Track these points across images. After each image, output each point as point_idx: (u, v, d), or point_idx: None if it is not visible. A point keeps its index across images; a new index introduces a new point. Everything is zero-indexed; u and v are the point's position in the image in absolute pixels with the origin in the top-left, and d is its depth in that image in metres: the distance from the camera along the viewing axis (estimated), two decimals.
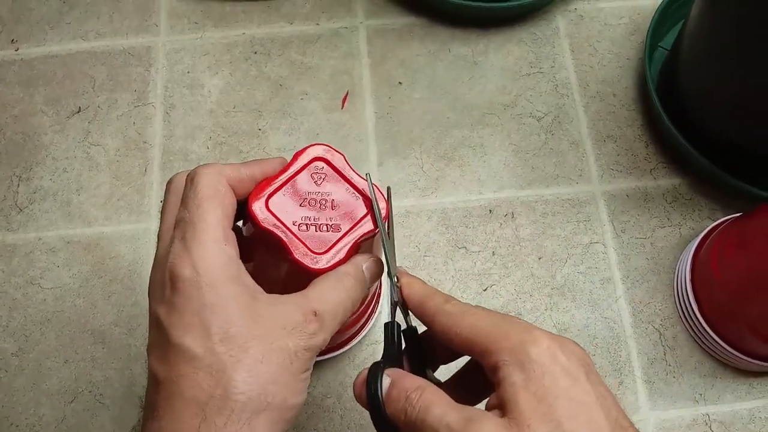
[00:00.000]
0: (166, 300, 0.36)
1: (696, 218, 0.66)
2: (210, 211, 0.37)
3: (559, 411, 0.32)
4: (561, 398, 0.33)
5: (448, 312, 0.38)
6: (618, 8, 0.76)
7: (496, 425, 0.32)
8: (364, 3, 0.76)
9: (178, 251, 0.36)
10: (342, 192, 0.42)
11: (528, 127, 0.70)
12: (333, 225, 0.41)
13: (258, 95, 0.71)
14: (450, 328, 0.37)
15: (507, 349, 0.34)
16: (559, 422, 0.32)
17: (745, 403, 0.60)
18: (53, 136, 0.69)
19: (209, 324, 0.35)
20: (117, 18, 0.75)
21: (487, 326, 0.36)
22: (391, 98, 0.71)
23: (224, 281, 0.36)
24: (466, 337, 0.36)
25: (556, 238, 0.65)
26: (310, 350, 0.37)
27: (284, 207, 0.40)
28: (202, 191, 0.37)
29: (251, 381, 0.34)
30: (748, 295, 0.56)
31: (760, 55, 0.55)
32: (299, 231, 0.40)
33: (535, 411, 0.32)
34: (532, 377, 0.33)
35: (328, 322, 0.38)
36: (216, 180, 0.38)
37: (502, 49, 0.74)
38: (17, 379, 0.60)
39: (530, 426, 0.32)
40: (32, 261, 0.64)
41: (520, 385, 0.33)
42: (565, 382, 0.33)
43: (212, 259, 0.36)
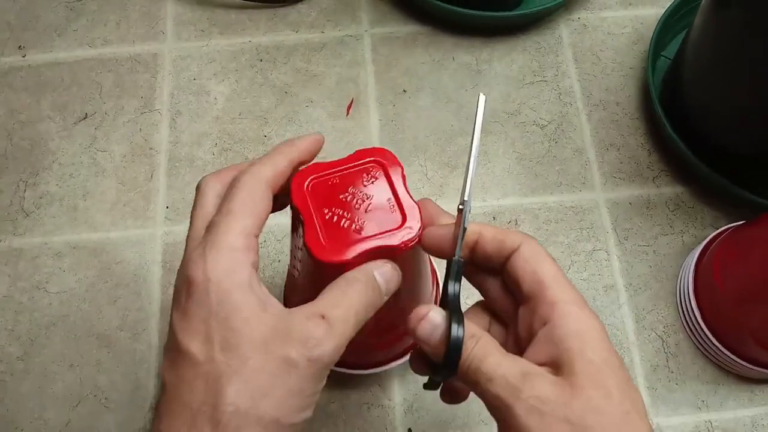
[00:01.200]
0: (181, 304, 0.36)
1: (699, 226, 0.66)
2: (238, 219, 0.37)
3: (612, 382, 0.34)
4: (611, 370, 0.34)
5: (534, 248, 0.38)
6: (621, 18, 0.77)
7: (551, 383, 0.34)
8: (369, 11, 0.77)
9: (197, 256, 0.36)
10: (383, 201, 0.41)
11: (531, 135, 0.70)
12: (357, 227, 0.40)
13: (264, 102, 0.72)
14: (529, 265, 0.37)
15: (570, 313, 0.36)
16: (610, 392, 0.34)
17: (748, 410, 0.60)
18: (60, 141, 0.70)
19: (213, 331, 0.34)
20: (124, 25, 0.76)
21: (562, 282, 0.37)
22: (396, 106, 0.72)
23: (232, 289, 0.35)
24: (541, 279, 0.37)
25: (559, 246, 0.66)
26: (316, 362, 0.35)
27: (323, 194, 0.40)
28: (236, 198, 0.38)
29: (243, 393, 0.33)
30: (750, 302, 0.56)
31: (764, 64, 0.55)
32: (325, 219, 0.40)
33: (592, 376, 0.34)
34: (590, 346, 0.35)
35: (338, 327, 0.36)
36: (255, 187, 0.38)
37: (505, 58, 0.74)
38: (23, 383, 0.60)
39: (585, 389, 0.33)
40: (38, 266, 0.64)
41: (578, 350, 0.34)
42: (616, 359, 0.35)
43: (223, 266, 0.35)
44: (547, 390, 0.33)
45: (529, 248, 0.38)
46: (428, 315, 0.37)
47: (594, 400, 0.33)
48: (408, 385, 0.60)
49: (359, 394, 0.60)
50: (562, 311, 0.36)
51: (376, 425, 0.59)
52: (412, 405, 0.60)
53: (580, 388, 0.33)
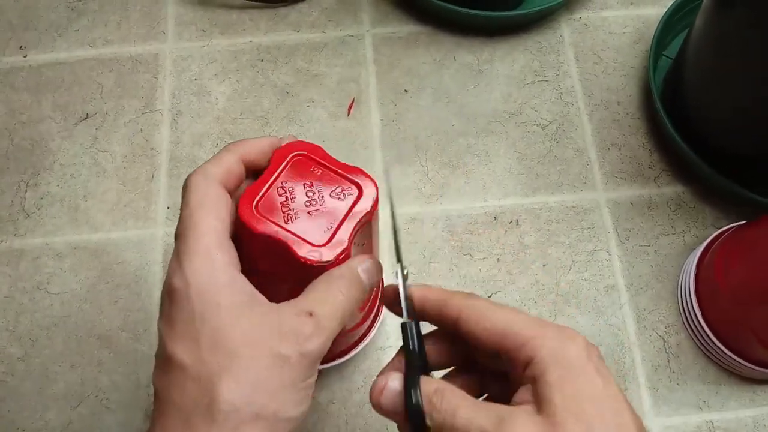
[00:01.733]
0: (165, 312, 0.36)
1: (700, 226, 0.66)
2: (201, 220, 0.37)
3: (592, 412, 0.32)
4: (595, 399, 0.33)
5: (477, 306, 0.37)
6: (622, 17, 0.77)
7: (529, 423, 0.33)
8: (370, 11, 0.77)
9: (174, 265, 0.36)
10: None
11: (533, 134, 0.70)
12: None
13: (264, 102, 0.72)
14: (480, 321, 0.36)
15: (545, 346, 0.34)
16: (591, 423, 0.32)
17: (749, 410, 0.60)
18: (61, 142, 0.70)
19: (198, 333, 0.34)
20: (125, 25, 0.76)
21: (520, 320, 0.36)
22: (397, 106, 0.72)
23: (215, 289, 0.35)
24: (499, 330, 0.36)
25: (560, 246, 0.66)
26: (307, 356, 0.35)
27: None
28: (191, 200, 0.38)
29: (237, 390, 0.34)
30: (752, 303, 0.56)
31: (764, 64, 0.55)
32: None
33: (570, 411, 0.32)
34: (568, 377, 0.33)
35: (325, 324, 0.36)
36: (204, 185, 0.38)
37: (507, 58, 0.74)
38: (24, 383, 0.60)
39: (564, 425, 0.32)
40: (39, 266, 0.65)
41: (556, 383, 0.33)
42: (598, 383, 0.34)
43: (202, 268, 0.35)
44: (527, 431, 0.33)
45: (472, 309, 0.37)
46: (387, 384, 0.37)
47: None
48: None
49: (360, 395, 0.60)
50: (534, 347, 0.34)
51: (377, 425, 0.59)
52: None
53: (559, 424, 0.32)
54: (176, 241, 0.37)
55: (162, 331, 0.36)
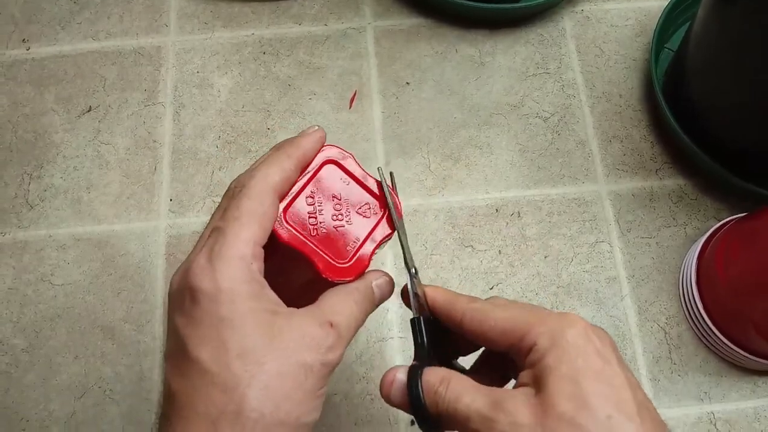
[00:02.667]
0: (185, 311, 0.36)
1: (701, 218, 0.66)
2: (246, 227, 0.37)
3: (588, 389, 0.33)
4: (591, 378, 0.33)
5: (478, 308, 0.38)
6: (624, 9, 0.77)
7: (522, 404, 0.34)
8: (372, 4, 0.77)
9: (203, 263, 0.36)
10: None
11: (534, 127, 0.70)
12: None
13: (267, 95, 0.72)
14: (483, 321, 0.38)
15: (544, 333, 0.35)
16: (586, 400, 0.33)
17: (750, 401, 0.60)
18: (64, 134, 0.70)
19: (226, 339, 0.34)
20: (127, 18, 0.76)
21: (522, 314, 0.37)
22: (399, 98, 0.72)
23: (244, 297, 0.35)
24: (501, 327, 0.37)
25: (562, 237, 0.66)
26: (327, 366, 0.36)
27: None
28: (245, 205, 0.37)
29: (265, 398, 0.34)
30: (752, 294, 0.56)
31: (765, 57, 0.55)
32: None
33: (564, 390, 0.33)
34: (565, 358, 0.34)
35: (344, 334, 0.38)
36: (264, 194, 0.38)
37: (509, 50, 0.74)
38: (28, 374, 0.61)
39: (556, 404, 0.33)
40: (43, 258, 0.65)
41: (553, 365, 0.34)
42: (597, 363, 0.34)
43: (234, 275, 0.35)
44: (521, 413, 0.33)
45: (473, 311, 0.38)
46: (396, 377, 0.38)
47: (567, 414, 0.32)
48: None
49: (362, 386, 0.60)
50: (534, 336, 0.35)
51: (378, 416, 0.59)
52: None
53: (553, 405, 0.33)
54: (212, 236, 0.37)
55: (183, 331, 0.35)
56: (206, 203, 0.67)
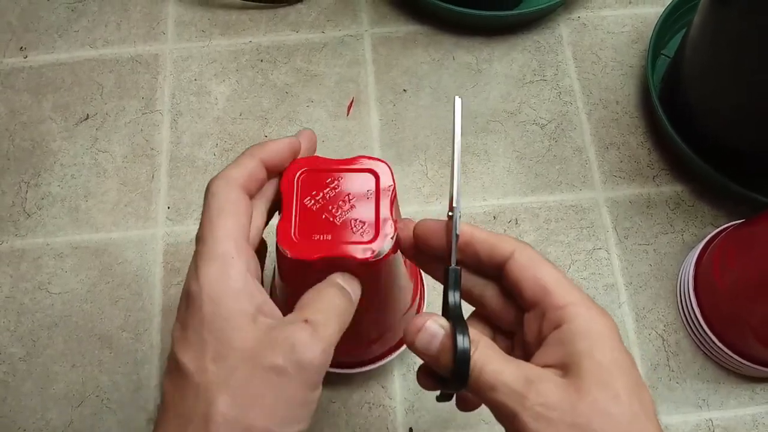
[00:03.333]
0: (179, 316, 0.36)
1: (698, 225, 0.67)
2: (220, 226, 0.37)
3: (619, 382, 0.33)
4: (622, 371, 0.34)
5: (530, 254, 0.37)
6: (621, 16, 0.77)
7: (557, 387, 0.33)
8: (369, 11, 0.77)
9: (192, 269, 0.36)
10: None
11: (531, 134, 0.71)
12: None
13: (264, 102, 0.72)
14: (530, 269, 0.37)
15: (580, 315, 0.35)
16: (618, 392, 0.33)
17: (749, 408, 0.60)
18: (61, 142, 0.70)
19: (205, 342, 0.34)
20: (125, 26, 0.76)
21: (567, 284, 0.37)
22: (396, 105, 0.72)
23: (224, 297, 0.35)
24: (545, 285, 0.36)
25: (559, 245, 0.66)
26: (306, 367, 0.34)
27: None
28: (212, 205, 0.38)
29: (232, 403, 0.33)
30: (750, 301, 0.56)
31: (762, 63, 0.55)
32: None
33: (599, 378, 0.33)
34: (599, 346, 0.34)
35: (321, 330, 0.36)
36: (226, 190, 0.38)
37: (505, 57, 0.74)
38: (25, 383, 0.61)
39: (589, 391, 0.33)
40: (40, 266, 0.65)
41: (585, 352, 0.34)
42: (626, 359, 0.35)
43: (216, 275, 0.35)
44: (553, 395, 0.33)
45: (525, 254, 0.37)
46: (425, 325, 0.36)
47: (601, 403, 0.33)
48: (409, 384, 0.60)
49: (360, 394, 0.60)
50: (570, 313, 0.35)
51: (377, 425, 0.59)
52: (413, 405, 0.60)
53: (586, 390, 0.33)
54: (196, 245, 0.37)
55: (174, 334, 0.36)
56: None
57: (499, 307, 0.40)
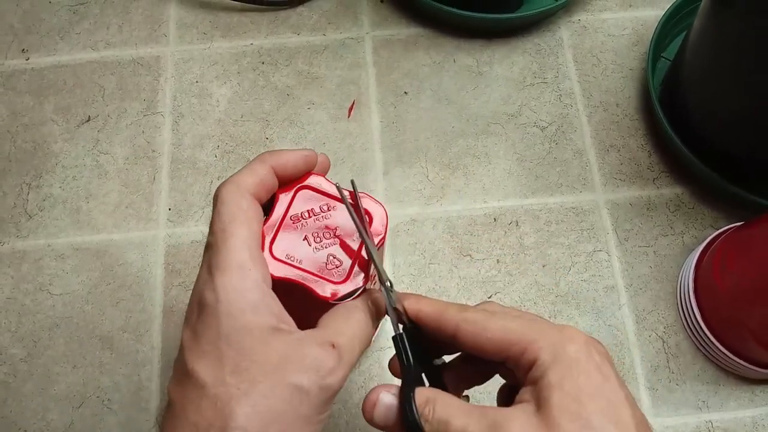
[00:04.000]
0: (191, 324, 0.36)
1: (699, 227, 0.67)
2: (234, 234, 0.36)
3: (590, 408, 0.32)
4: (593, 396, 0.33)
5: (472, 320, 0.37)
6: (621, 19, 0.77)
7: (525, 425, 0.33)
8: (370, 14, 0.77)
9: (205, 276, 0.36)
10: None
11: (532, 136, 0.71)
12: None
13: (265, 105, 0.72)
14: (478, 334, 0.36)
15: (544, 348, 0.34)
16: (589, 420, 0.32)
17: (748, 410, 0.60)
18: (63, 144, 0.70)
19: (222, 354, 0.34)
20: (126, 28, 0.76)
21: (519, 327, 0.36)
22: (397, 108, 0.72)
23: (243, 310, 0.35)
24: (499, 340, 0.36)
25: (560, 246, 0.66)
26: (326, 390, 0.35)
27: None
28: (224, 212, 0.37)
29: (252, 417, 0.33)
30: (750, 303, 0.56)
31: (762, 65, 0.55)
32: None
33: (567, 409, 0.32)
34: (567, 375, 0.33)
35: (347, 357, 0.36)
36: (237, 197, 0.37)
37: (506, 60, 0.74)
38: (26, 384, 0.61)
39: (560, 425, 0.32)
40: (41, 267, 0.65)
41: (555, 383, 0.33)
42: (597, 380, 0.34)
43: (233, 285, 0.35)
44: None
45: (468, 321, 0.37)
46: (379, 398, 0.37)
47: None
48: None
49: (361, 395, 0.60)
50: (535, 351, 0.34)
51: None
52: None
53: (555, 424, 0.32)
54: (207, 253, 0.37)
55: (185, 342, 0.35)
56: (205, 213, 0.67)
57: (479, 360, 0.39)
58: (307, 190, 0.42)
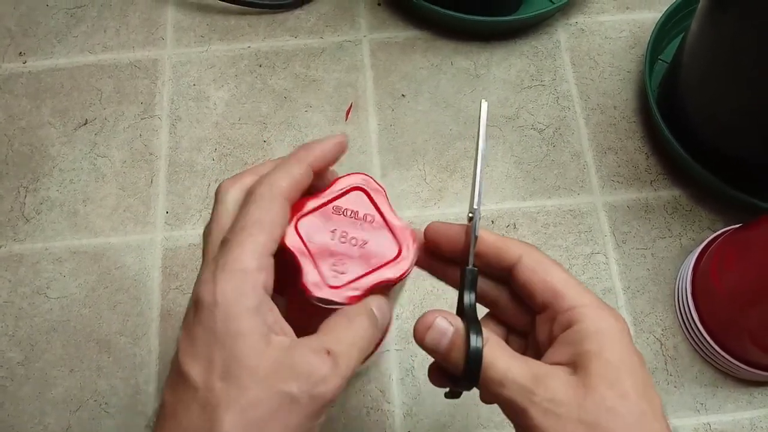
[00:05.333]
0: (188, 323, 0.35)
1: (696, 229, 0.67)
2: (252, 237, 0.35)
3: (627, 382, 0.34)
4: (631, 373, 0.34)
5: (537, 258, 0.37)
6: (618, 22, 0.77)
7: (565, 384, 0.34)
8: (368, 17, 0.77)
9: (208, 275, 0.35)
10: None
11: (530, 138, 0.71)
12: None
13: (263, 107, 0.72)
14: (538, 273, 0.37)
15: (590, 316, 0.36)
16: (626, 391, 0.34)
17: (746, 412, 0.60)
18: (60, 147, 0.70)
19: (214, 358, 0.33)
20: (124, 31, 0.76)
21: (576, 286, 0.37)
22: (395, 110, 0.72)
23: (240, 314, 0.34)
24: (554, 288, 0.37)
25: (558, 249, 0.66)
26: (317, 399, 0.33)
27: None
28: (251, 214, 0.36)
29: (239, 424, 0.32)
30: (748, 305, 0.56)
31: (759, 68, 0.55)
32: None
33: (606, 377, 0.34)
34: (608, 348, 0.35)
35: (343, 365, 0.34)
36: (269, 199, 0.36)
37: (504, 62, 0.75)
38: (23, 387, 0.61)
39: (597, 388, 0.33)
40: (39, 271, 0.65)
41: (596, 352, 0.34)
42: (635, 362, 0.35)
43: (234, 289, 0.34)
44: (561, 391, 0.34)
45: (533, 257, 0.38)
46: (435, 322, 0.36)
47: (608, 401, 0.33)
48: (407, 389, 0.60)
49: (359, 398, 0.60)
50: (579, 315, 0.36)
51: (375, 429, 0.59)
52: (412, 409, 0.60)
53: (594, 388, 0.33)
54: (221, 250, 0.36)
55: (180, 344, 0.35)
56: (202, 216, 0.67)
57: (511, 309, 0.40)
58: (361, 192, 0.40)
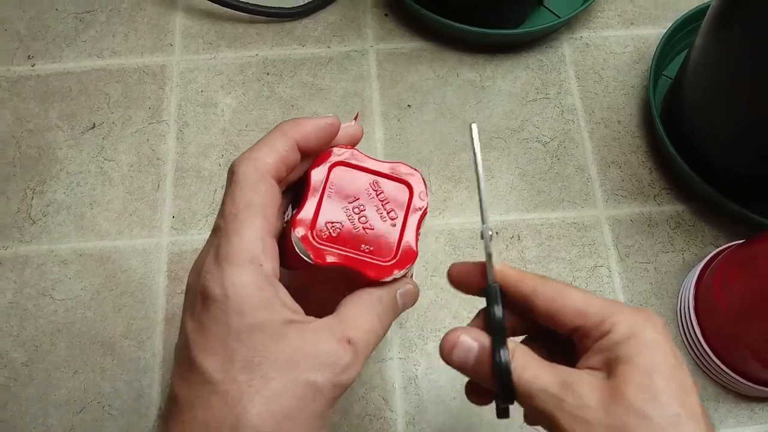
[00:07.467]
0: (195, 315, 0.34)
1: (699, 244, 0.67)
2: (247, 222, 0.34)
3: (660, 385, 0.33)
4: (665, 376, 0.34)
5: (552, 285, 0.38)
6: (623, 37, 0.78)
7: (593, 388, 0.34)
8: (375, 27, 0.78)
9: (211, 266, 0.34)
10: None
11: (534, 151, 0.71)
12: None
13: (270, 115, 0.72)
14: (556, 299, 0.37)
15: (622, 322, 0.35)
16: (656, 394, 0.33)
17: (747, 428, 0.61)
18: (68, 150, 0.70)
19: (233, 351, 0.33)
20: (132, 37, 0.77)
21: (599, 302, 0.37)
22: (400, 120, 0.72)
23: (255, 307, 0.33)
24: (575, 308, 0.36)
25: (561, 261, 0.66)
26: (339, 387, 0.34)
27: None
28: (238, 196, 0.35)
29: (266, 415, 0.32)
30: (750, 321, 0.56)
31: (763, 85, 0.56)
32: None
33: (637, 382, 0.33)
34: (642, 352, 0.34)
35: (362, 353, 0.35)
36: (254, 178, 0.35)
37: (509, 75, 0.75)
38: (26, 389, 0.61)
39: (626, 392, 0.33)
40: (44, 272, 0.65)
41: (629, 357, 0.34)
42: (672, 362, 0.35)
43: (244, 281, 0.33)
44: (590, 397, 0.34)
45: (547, 287, 0.38)
46: (459, 340, 0.37)
47: (637, 404, 0.33)
48: (410, 397, 0.61)
49: (362, 406, 0.60)
50: (610, 325, 0.35)
51: None
52: (414, 417, 0.60)
53: (622, 392, 0.33)
54: (215, 237, 0.35)
55: (191, 336, 0.34)
56: (208, 221, 0.67)
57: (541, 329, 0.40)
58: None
